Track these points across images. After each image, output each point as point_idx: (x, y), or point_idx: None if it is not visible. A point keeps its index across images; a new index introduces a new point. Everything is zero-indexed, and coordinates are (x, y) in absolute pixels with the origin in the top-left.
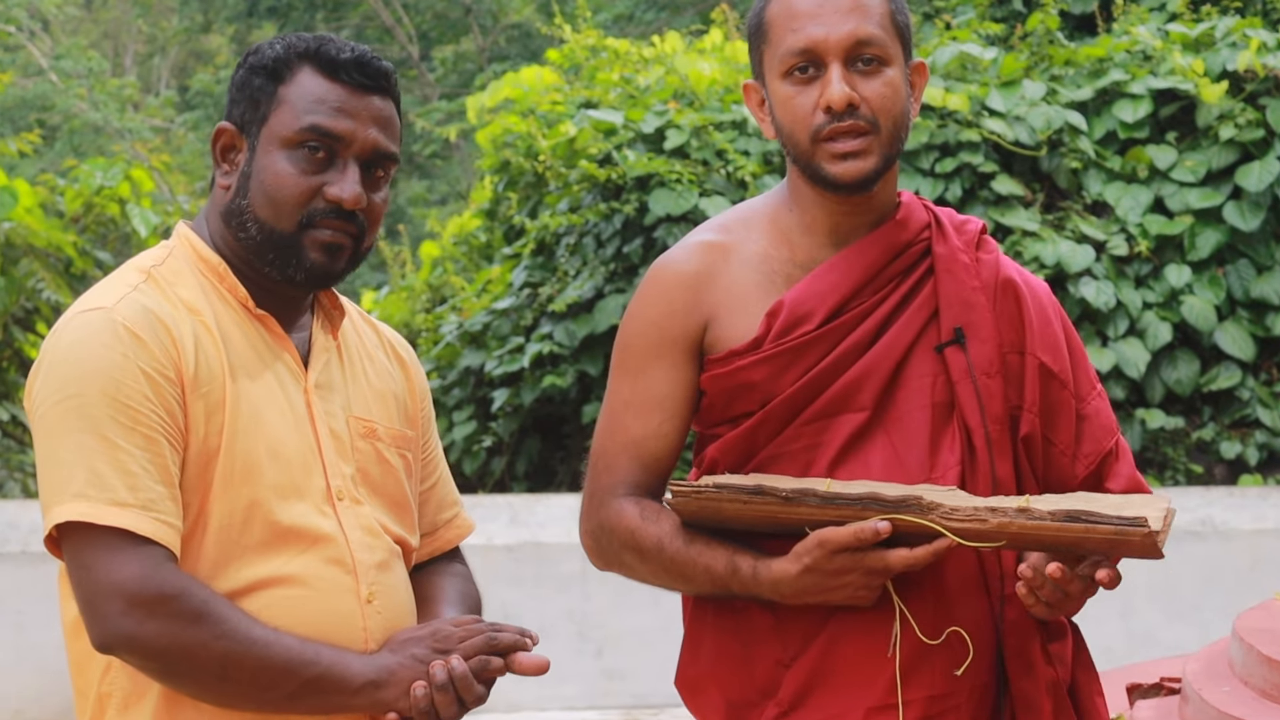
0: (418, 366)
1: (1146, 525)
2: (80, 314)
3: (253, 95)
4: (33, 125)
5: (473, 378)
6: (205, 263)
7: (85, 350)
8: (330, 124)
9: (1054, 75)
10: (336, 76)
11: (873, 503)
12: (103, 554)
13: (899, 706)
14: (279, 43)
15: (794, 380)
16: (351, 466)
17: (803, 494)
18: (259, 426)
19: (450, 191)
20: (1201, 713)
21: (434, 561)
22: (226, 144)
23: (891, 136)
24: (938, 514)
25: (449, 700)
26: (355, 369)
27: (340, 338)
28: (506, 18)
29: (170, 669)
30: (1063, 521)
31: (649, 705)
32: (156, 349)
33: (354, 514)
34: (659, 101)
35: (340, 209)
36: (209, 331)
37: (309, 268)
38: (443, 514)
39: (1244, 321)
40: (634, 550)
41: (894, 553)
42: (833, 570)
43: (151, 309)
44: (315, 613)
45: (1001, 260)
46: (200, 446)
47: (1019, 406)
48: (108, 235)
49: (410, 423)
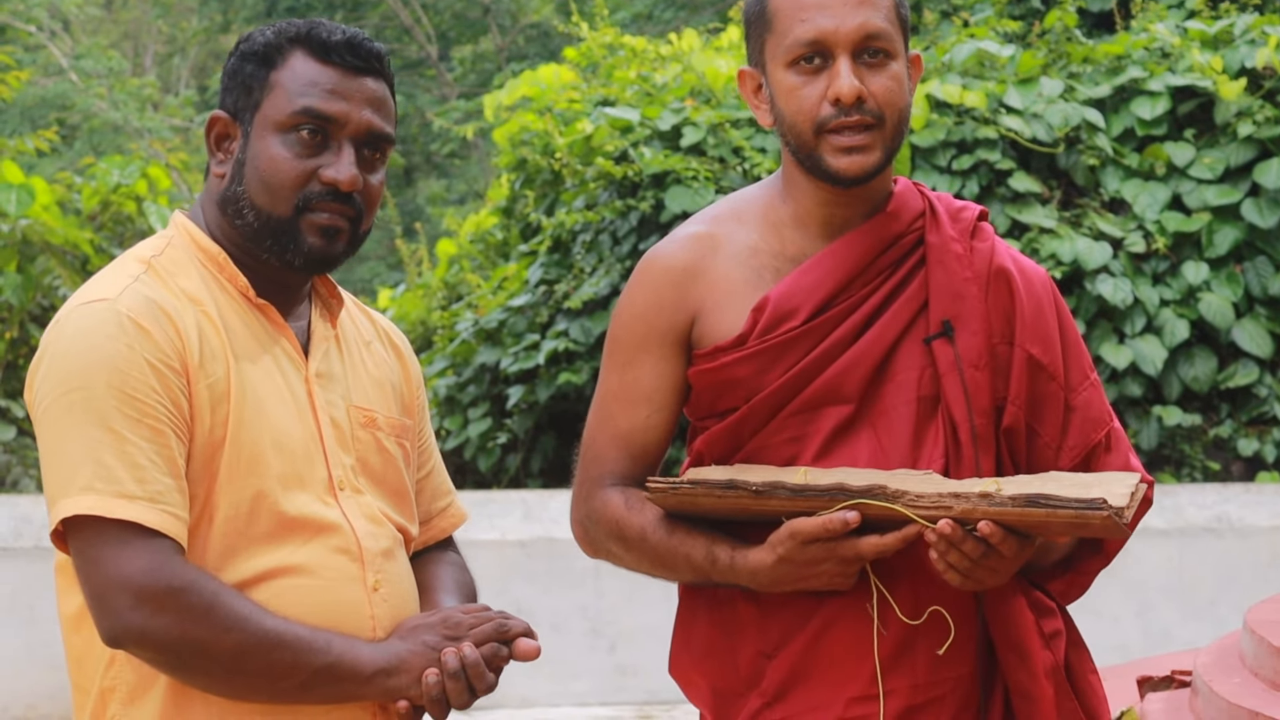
0: (412, 356)
1: (1107, 507)
2: (82, 305)
3: (245, 82)
4: (52, 124)
5: (488, 375)
6: (204, 252)
7: (89, 342)
8: (323, 106)
9: (1072, 72)
10: (328, 59)
11: (840, 493)
12: (111, 548)
13: (879, 685)
14: (270, 29)
15: (779, 376)
16: (352, 456)
17: (773, 487)
18: (263, 416)
19: (468, 191)
20: (1211, 704)
21: (429, 550)
22: (220, 132)
23: (895, 130)
24: (903, 501)
25: (461, 687)
26: (354, 358)
27: (338, 327)
28: (525, 17)
29: (181, 662)
30: (1023, 506)
31: (661, 701)
32: (161, 339)
33: (356, 503)
34: (676, 99)
35: (337, 191)
36: (211, 321)
37: (307, 252)
38: (437, 503)
39: (1262, 318)
40: (619, 540)
41: (865, 540)
42: (806, 560)
43: (154, 299)
44: (323, 602)
45: (997, 249)
46: (206, 437)
47: (1003, 398)
48: (124, 233)
49: (408, 412)
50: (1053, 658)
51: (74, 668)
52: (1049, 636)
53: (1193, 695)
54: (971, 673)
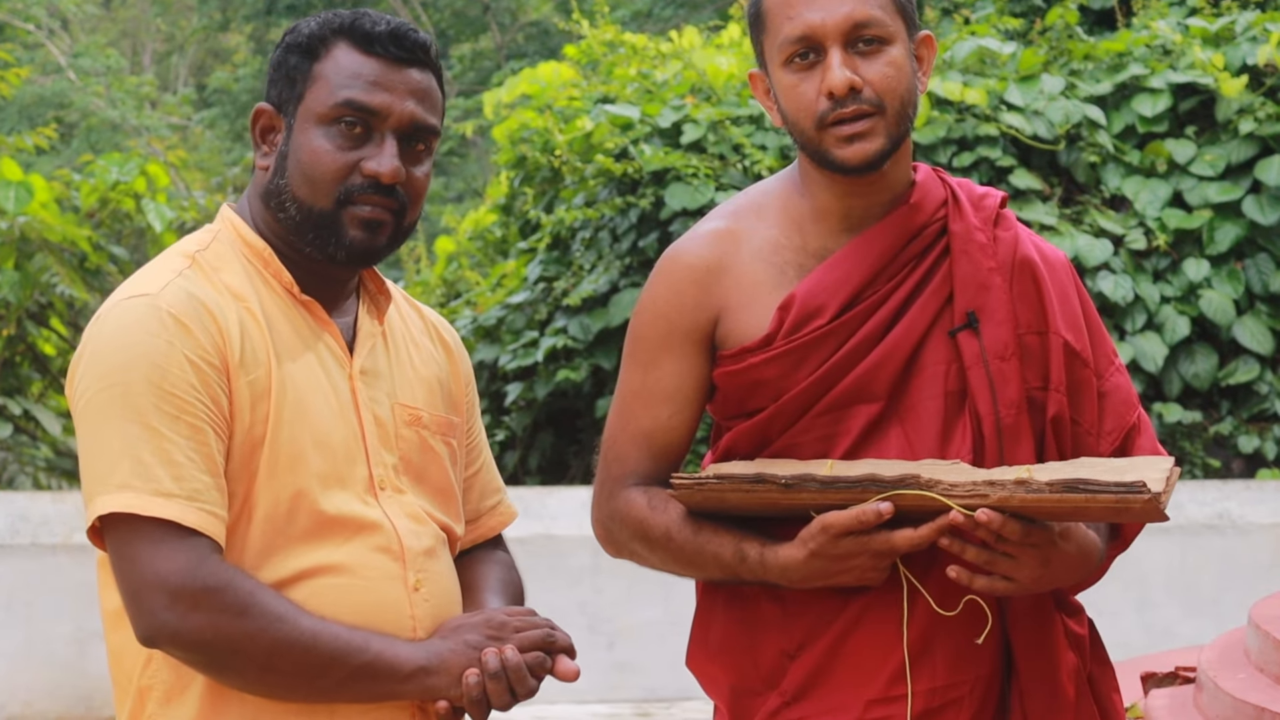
0: (462, 351)
1: (1147, 490)
2: (125, 300)
3: (289, 74)
4: (50, 122)
5: (487, 372)
6: (250, 247)
7: (130, 337)
8: (365, 98)
9: (1073, 70)
10: (372, 50)
11: (872, 484)
12: (147, 546)
13: (907, 680)
14: (315, 20)
15: (807, 375)
16: (394, 455)
17: (802, 479)
18: (304, 414)
19: (467, 188)
20: (1216, 700)
21: (477, 549)
22: (266, 125)
23: (898, 116)
24: (939, 490)
25: (501, 689)
26: (400, 355)
27: (385, 323)
28: (525, 15)
29: (216, 662)
30: (1062, 492)
31: (660, 698)
32: (202, 336)
33: (397, 502)
34: (676, 96)
35: (379, 184)
36: (254, 318)
37: (349, 245)
38: (486, 501)
39: (1263, 316)
40: (643, 540)
41: (899, 533)
42: (839, 554)
43: (197, 295)
44: (363, 601)
45: (1021, 237)
46: (246, 435)
47: (1042, 388)
48: (122, 230)
49: (455, 409)
50: (1076, 659)
51: (114, 665)
52: (1074, 638)
53: (1197, 691)
54: (990, 674)
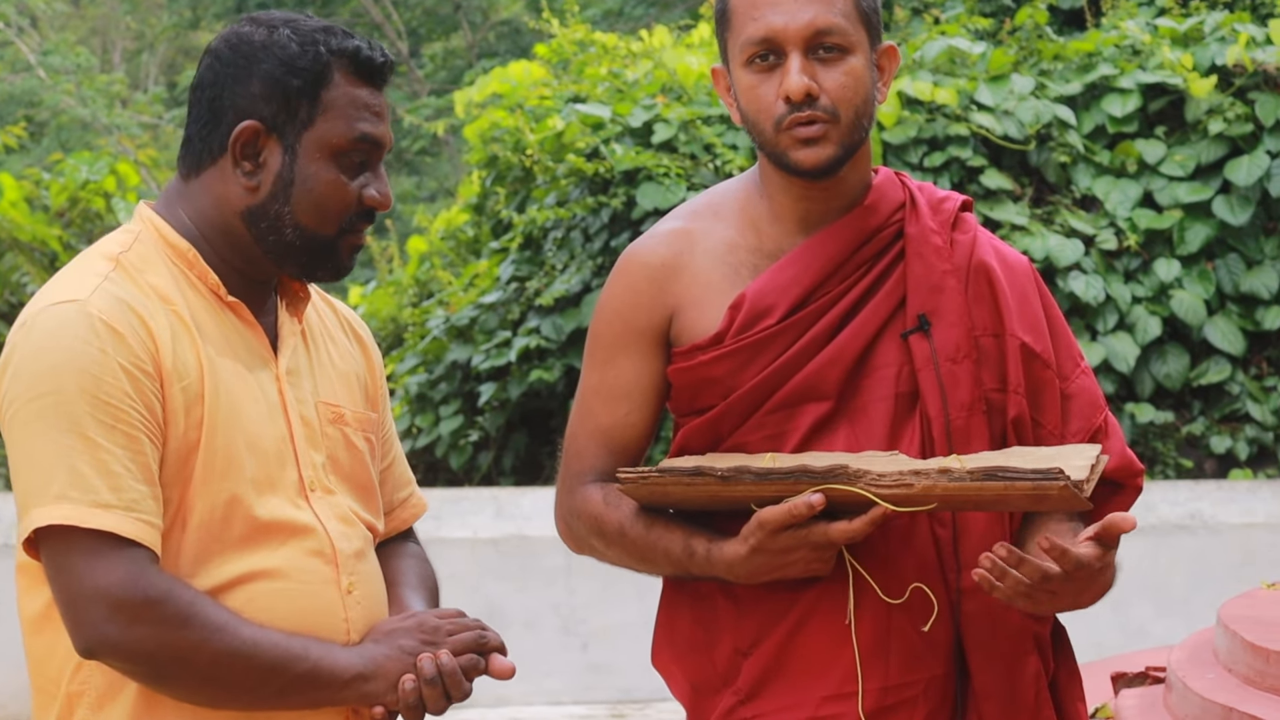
0: (374, 344)
1: (1063, 477)
2: (52, 306)
3: (288, 96)
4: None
5: (459, 372)
6: (173, 248)
7: (60, 345)
8: (374, 131)
9: (1043, 70)
10: (370, 80)
11: (803, 475)
12: (85, 557)
13: (858, 677)
14: (305, 39)
15: (756, 374)
16: (322, 455)
17: (739, 472)
18: (237, 418)
19: (439, 188)
20: (1186, 700)
21: (390, 542)
22: (249, 141)
23: (852, 125)
24: (865, 481)
25: (437, 694)
26: (320, 352)
27: (304, 321)
28: (496, 14)
29: (157, 673)
30: (981, 480)
31: (634, 699)
32: (135, 343)
33: (328, 504)
34: (647, 96)
35: (368, 211)
36: (182, 321)
37: (339, 269)
38: (399, 493)
39: (1233, 316)
40: (599, 535)
41: (835, 526)
42: (779, 548)
43: (126, 300)
44: (298, 606)
45: (979, 240)
46: (179, 441)
47: (999, 389)
48: (93, 229)
49: (372, 404)
50: (1038, 662)
51: (35, 671)
52: (1037, 639)
53: (1167, 691)
54: (944, 675)
